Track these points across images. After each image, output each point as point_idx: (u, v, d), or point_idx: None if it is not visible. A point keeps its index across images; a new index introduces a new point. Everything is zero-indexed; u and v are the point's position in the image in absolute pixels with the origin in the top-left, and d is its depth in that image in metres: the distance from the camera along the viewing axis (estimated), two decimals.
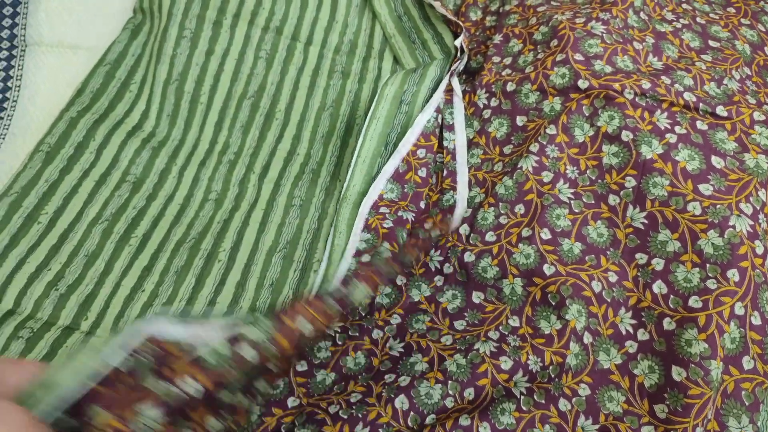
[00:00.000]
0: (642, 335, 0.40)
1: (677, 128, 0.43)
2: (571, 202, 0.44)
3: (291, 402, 0.40)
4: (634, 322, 0.41)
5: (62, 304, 0.44)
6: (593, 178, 0.44)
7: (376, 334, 0.43)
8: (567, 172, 0.45)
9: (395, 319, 0.43)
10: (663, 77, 0.46)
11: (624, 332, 0.40)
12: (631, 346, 0.40)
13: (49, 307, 0.44)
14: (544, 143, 0.45)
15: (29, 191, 0.49)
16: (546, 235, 0.43)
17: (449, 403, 0.38)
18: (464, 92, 0.51)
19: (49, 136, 0.52)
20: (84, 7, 0.64)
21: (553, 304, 0.41)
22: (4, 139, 0.57)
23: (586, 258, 0.42)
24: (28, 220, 0.48)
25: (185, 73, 0.56)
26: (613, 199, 0.43)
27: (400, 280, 0.45)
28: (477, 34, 0.57)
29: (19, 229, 0.47)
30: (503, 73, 0.51)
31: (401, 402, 0.38)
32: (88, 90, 0.55)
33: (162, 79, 0.56)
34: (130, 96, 0.56)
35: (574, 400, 0.39)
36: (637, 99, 0.44)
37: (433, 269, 0.45)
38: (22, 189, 0.49)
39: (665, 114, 0.44)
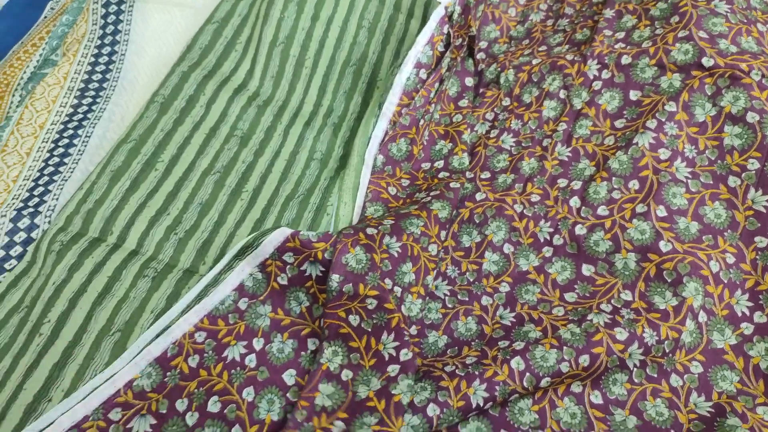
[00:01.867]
0: (759, 318, 0.40)
1: None
2: (689, 181, 0.44)
3: (403, 355, 0.41)
4: (750, 304, 0.40)
5: (181, 248, 0.46)
6: (712, 158, 0.44)
7: (486, 300, 0.43)
8: (685, 150, 0.44)
9: (504, 287, 0.44)
10: None
11: (740, 314, 0.40)
12: (746, 328, 0.40)
13: (170, 249, 0.45)
14: (663, 120, 0.45)
15: (147, 139, 0.50)
16: (662, 212, 0.43)
17: (564, 367, 0.38)
18: (572, 62, 0.51)
19: (162, 88, 0.54)
20: None
21: (669, 280, 0.41)
22: (114, 90, 0.59)
23: (704, 238, 0.42)
24: (147, 166, 0.49)
25: (291, 37, 0.57)
26: (733, 181, 0.43)
27: (508, 248, 0.45)
28: (583, 9, 0.56)
29: (138, 174, 0.49)
30: (616, 46, 0.50)
31: (517, 363, 0.38)
32: (197, 46, 0.57)
33: (268, 41, 0.57)
34: (235, 55, 0.57)
35: (686, 376, 0.39)
36: (764, 81, 0.43)
37: (542, 240, 0.45)
38: (140, 137, 0.50)
39: None
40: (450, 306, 0.43)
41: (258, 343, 0.40)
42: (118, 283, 0.43)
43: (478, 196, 0.47)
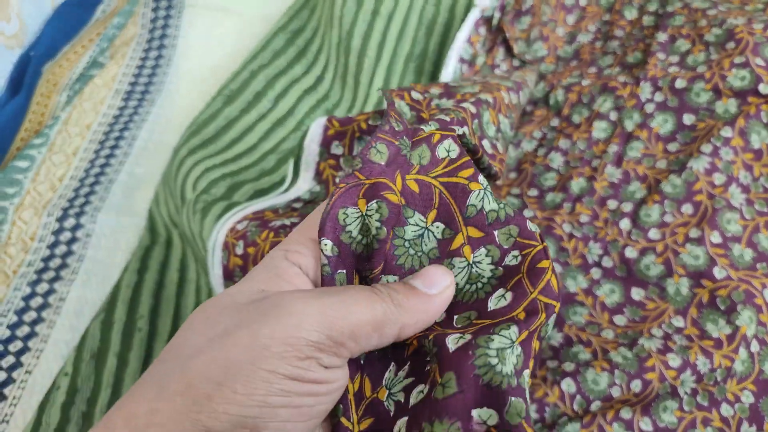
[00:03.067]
0: None
1: None
2: (743, 207, 0.43)
3: None
4: None
5: None
6: (767, 186, 0.43)
7: None
8: (740, 176, 0.44)
9: None
10: None
11: None
12: None
13: None
14: (718, 145, 0.45)
15: (209, 124, 0.51)
16: (716, 238, 0.42)
17: (615, 392, 0.38)
18: (624, 84, 0.51)
19: (231, 83, 0.55)
20: None
21: (722, 308, 0.40)
22: (160, 93, 0.60)
23: (758, 266, 0.41)
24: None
25: (351, 31, 0.57)
26: None
27: (556, 269, 0.45)
28: (634, 32, 0.56)
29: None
30: (670, 70, 0.50)
31: (567, 384, 0.38)
32: (270, 49, 0.58)
33: (335, 43, 0.57)
34: (306, 62, 0.58)
35: (736, 406, 0.39)
36: None
37: (590, 261, 0.45)
38: (202, 121, 0.52)
39: None
40: None
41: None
42: None
43: (526, 213, 0.47)
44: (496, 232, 0.26)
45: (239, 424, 0.19)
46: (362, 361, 0.25)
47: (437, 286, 0.24)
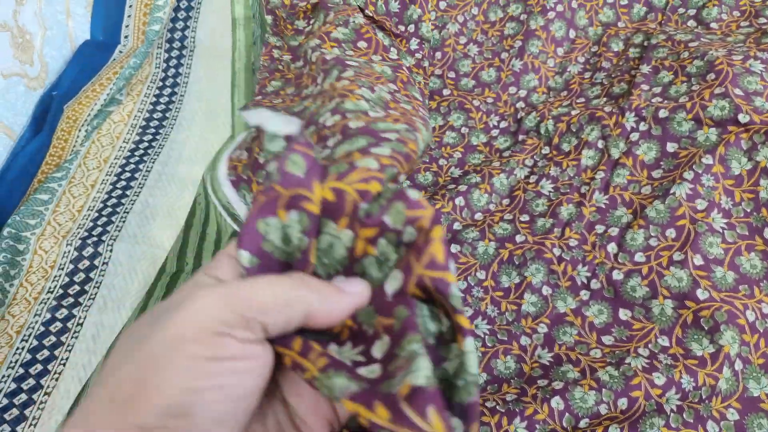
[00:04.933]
0: None
1: None
2: (725, 231, 0.45)
3: None
4: None
5: None
6: (748, 210, 0.45)
7: (524, 340, 0.45)
8: (721, 202, 0.46)
9: (542, 328, 0.45)
10: None
11: None
12: None
13: None
14: (700, 172, 0.47)
15: None
16: (699, 260, 0.44)
17: (603, 409, 0.40)
18: (610, 113, 0.53)
19: None
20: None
21: (706, 328, 0.42)
22: (173, 128, 0.63)
23: (740, 287, 0.43)
24: None
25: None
26: None
27: (546, 290, 0.47)
28: (620, 64, 0.59)
29: None
30: (653, 100, 0.52)
31: (557, 402, 0.40)
32: None
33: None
34: None
35: (722, 423, 0.40)
36: None
37: (579, 283, 0.47)
38: None
39: None
40: (490, 345, 0.45)
41: None
42: None
43: (518, 238, 0.50)
44: (385, 218, 0.25)
45: (168, 413, 0.20)
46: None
47: (354, 286, 0.25)
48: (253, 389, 0.22)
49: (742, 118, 0.47)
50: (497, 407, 0.40)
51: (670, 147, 0.50)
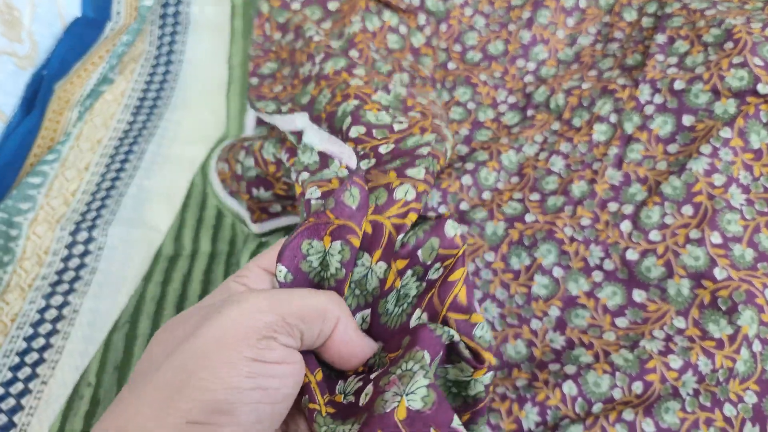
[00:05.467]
0: None
1: None
2: (743, 208, 0.43)
3: None
4: None
5: None
6: (767, 185, 0.43)
7: (535, 324, 0.44)
8: (740, 177, 0.44)
9: (553, 311, 0.44)
10: None
11: None
12: None
13: None
14: (717, 146, 0.45)
15: None
16: (716, 239, 0.42)
17: (617, 394, 0.38)
18: (623, 86, 0.51)
19: None
20: None
21: (724, 309, 0.40)
22: (167, 107, 0.61)
23: (759, 266, 0.41)
24: None
25: None
26: None
27: (557, 272, 0.45)
28: (633, 34, 0.56)
29: None
30: (669, 71, 0.50)
31: (569, 387, 0.38)
32: None
33: None
34: None
35: (739, 406, 0.39)
36: None
37: (592, 264, 0.45)
38: None
39: None
40: (499, 329, 0.44)
41: None
42: None
43: (528, 218, 0.48)
44: (419, 252, 0.27)
45: (215, 409, 0.20)
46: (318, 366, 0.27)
47: (373, 342, 0.27)
48: (289, 394, 0.23)
49: (762, 88, 0.45)
50: (507, 393, 0.39)
51: (687, 120, 0.48)
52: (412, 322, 0.25)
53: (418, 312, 0.25)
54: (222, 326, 0.22)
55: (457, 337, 0.24)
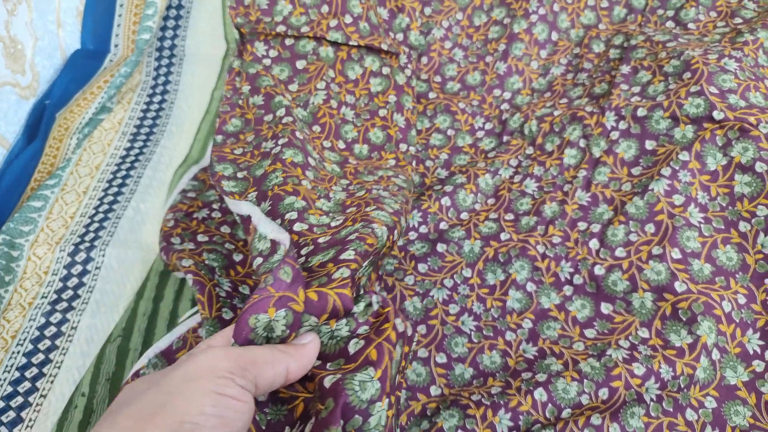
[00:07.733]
0: None
1: None
2: (701, 225, 0.46)
3: (433, 390, 0.44)
4: (762, 343, 0.43)
5: None
6: (723, 204, 0.47)
7: (509, 335, 0.46)
8: (698, 197, 0.47)
9: (527, 324, 0.47)
10: None
11: (751, 352, 0.43)
12: (758, 365, 0.42)
13: None
14: (677, 168, 0.48)
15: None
16: (677, 254, 0.45)
17: (584, 400, 0.41)
18: (591, 113, 0.55)
19: None
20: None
21: (684, 319, 0.43)
22: (163, 135, 0.64)
23: (716, 279, 0.45)
24: None
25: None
26: (743, 226, 0.46)
27: (530, 287, 0.48)
28: (601, 65, 0.60)
29: None
30: (632, 100, 0.54)
31: (540, 394, 0.41)
32: None
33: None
34: None
35: (700, 411, 0.41)
36: None
37: (562, 279, 0.48)
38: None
39: None
40: (476, 341, 0.46)
41: None
42: None
43: (503, 236, 0.51)
44: (360, 318, 0.36)
45: (181, 430, 0.25)
46: (266, 411, 0.33)
47: (306, 338, 0.33)
48: (242, 428, 0.28)
49: (717, 115, 0.48)
50: (482, 400, 0.41)
51: (649, 144, 0.51)
52: (351, 348, 0.35)
53: (355, 339, 0.35)
54: (189, 369, 0.28)
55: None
